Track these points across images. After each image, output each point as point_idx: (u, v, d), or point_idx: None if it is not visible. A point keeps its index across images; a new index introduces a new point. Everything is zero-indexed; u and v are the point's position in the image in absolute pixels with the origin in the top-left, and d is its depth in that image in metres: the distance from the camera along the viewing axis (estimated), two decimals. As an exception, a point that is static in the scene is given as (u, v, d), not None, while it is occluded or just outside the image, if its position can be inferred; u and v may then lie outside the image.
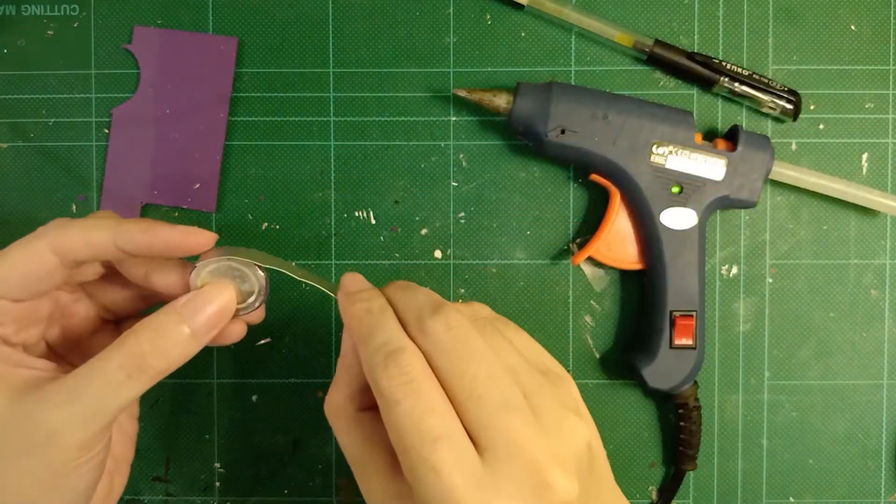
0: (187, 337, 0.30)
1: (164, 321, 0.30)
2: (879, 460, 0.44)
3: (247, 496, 0.44)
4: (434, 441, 0.25)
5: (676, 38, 0.43)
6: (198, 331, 0.31)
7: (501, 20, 0.43)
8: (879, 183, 0.44)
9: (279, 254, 0.43)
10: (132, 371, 0.29)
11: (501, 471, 0.25)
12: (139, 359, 0.29)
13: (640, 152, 0.40)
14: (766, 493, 0.44)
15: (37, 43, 0.43)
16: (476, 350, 0.27)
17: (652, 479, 0.44)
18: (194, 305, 0.31)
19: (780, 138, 0.44)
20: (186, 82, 0.43)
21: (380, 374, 0.27)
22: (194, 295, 0.31)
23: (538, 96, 0.40)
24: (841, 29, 0.43)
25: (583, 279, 0.44)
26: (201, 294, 0.31)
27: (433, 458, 0.25)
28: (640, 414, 0.44)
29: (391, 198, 0.44)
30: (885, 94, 0.43)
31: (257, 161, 0.44)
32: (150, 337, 0.30)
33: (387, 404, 0.26)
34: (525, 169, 0.44)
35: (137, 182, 0.43)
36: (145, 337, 0.30)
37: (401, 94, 0.43)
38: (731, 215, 0.44)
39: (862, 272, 0.44)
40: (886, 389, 0.44)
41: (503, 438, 0.26)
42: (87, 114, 0.43)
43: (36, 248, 0.30)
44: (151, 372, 0.30)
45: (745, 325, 0.44)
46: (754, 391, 0.44)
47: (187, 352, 0.30)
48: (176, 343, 0.30)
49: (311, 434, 0.44)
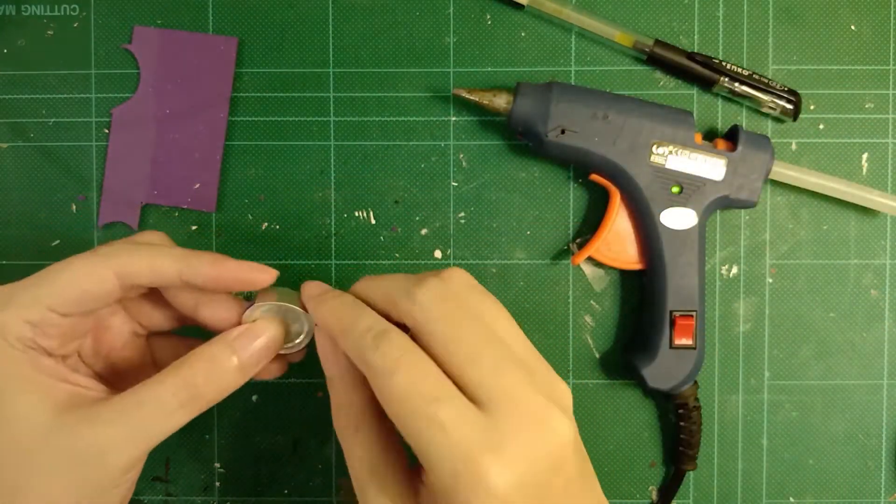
0: (236, 369, 0.31)
1: (218, 354, 0.31)
2: (879, 460, 0.44)
3: (247, 496, 0.44)
4: (436, 400, 0.26)
5: (676, 38, 0.43)
6: (246, 364, 0.31)
7: (501, 20, 0.43)
8: (879, 183, 0.44)
9: (279, 254, 0.43)
10: (185, 400, 0.30)
11: (504, 420, 0.26)
12: (193, 389, 0.30)
13: (640, 152, 0.40)
14: (766, 493, 0.44)
15: (37, 43, 0.43)
16: (468, 314, 0.28)
17: (652, 479, 0.44)
18: (246, 340, 0.32)
19: (780, 138, 0.44)
20: (186, 82, 0.43)
21: (371, 354, 0.28)
22: (247, 329, 0.32)
23: (538, 96, 0.40)
24: (841, 29, 0.44)
25: (583, 279, 0.44)
26: (253, 329, 0.32)
27: (439, 416, 0.26)
28: (640, 414, 0.44)
29: (391, 198, 0.44)
30: (885, 94, 0.44)
31: (257, 161, 0.44)
32: (205, 369, 0.31)
33: (382, 378, 0.27)
34: (525, 169, 0.44)
35: (137, 182, 0.43)
36: (199, 369, 0.31)
37: (401, 94, 0.43)
38: (731, 215, 0.44)
39: (862, 272, 0.44)
40: (886, 389, 0.44)
41: (503, 392, 0.27)
42: (87, 114, 0.43)
43: (100, 269, 0.31)
44: (202, 402, 0.31)
45: (745, 325, 0.44)
46: (754, 391, 0.44)
47: (235, 384, 0.31)
48: (226, 375, 0.31)
49: (311, 434, 0.44)
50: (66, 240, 0.43)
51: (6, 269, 0.43)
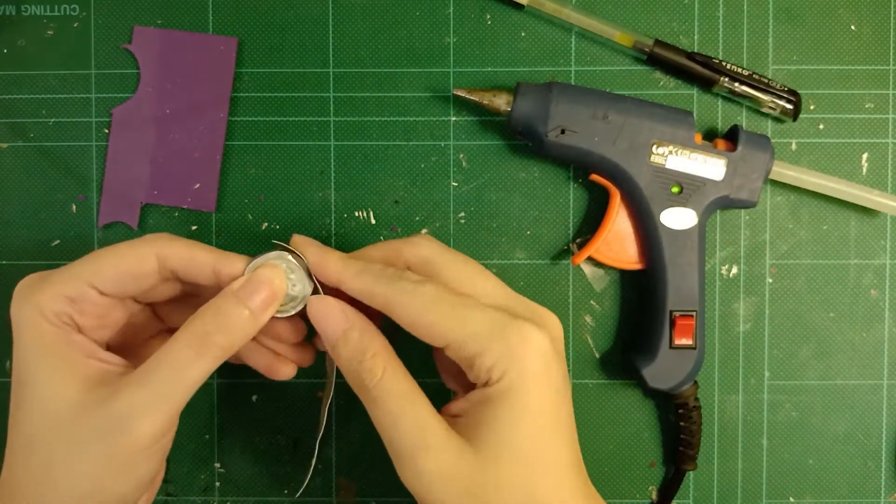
0: (247, 316, 0.32)
1: (223, 303, 0.32)
2: (879, 460, 0.44)
3: (247, 496, 0.44)
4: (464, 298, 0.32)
5: (676, 38, 0.43)
6: (256, 310, 0.32)
7: (501, 20, 0.43)
8: (879, 183, 0.44)
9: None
10: (199, 348, 0.31)
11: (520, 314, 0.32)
12: (204, 337, 0.31)
13: (640, 152, 0.40)
14: (766, 493, 0.44)
15: (37, 43, 0.43)
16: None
17: (652, 479, 0.44)
18: (250, 287, 0.33)
19: (780, 138, 0.44)
20: (186, 82, 0.43)
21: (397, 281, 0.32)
22: (248, 277, 0.33)
23: (538, 96, 0.40)
24: (841, 29, 0.44)
25: (583, 279, 0.44)
26: (255, 276, 0.33)
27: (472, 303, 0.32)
28: (640, 414, 0.44)
29: (391, 198, 0.44)
30: (885, 94, 0.43)
31: (257, 161, 0.44)
32: (213, 317, 0.32)
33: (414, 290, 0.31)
34: (525, 169, 0.44)
35: (137, 182, 0.43)
36: (208, 317, 0.32)
37: (401, 94, 0.43)
38: (731, 215, 0.44)
39: (862, 272, 0.44)
40: (886, 389, 0.44)
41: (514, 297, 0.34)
42: (87, 114, 0.43)
43: (142, 249, 0.33)
44: (216, 349, 0.31)
45: (745, 325, 0.44)
46: (754, 391, 0.44)
47: (248, 330, 0.33)
48: (237, 321, 0.32)
49: (311, 434, 0.44)
50: (66, 240, 0.43)
51: (6, 269, 0.44)
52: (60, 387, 0.30)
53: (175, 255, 0.33)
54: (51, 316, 0.31)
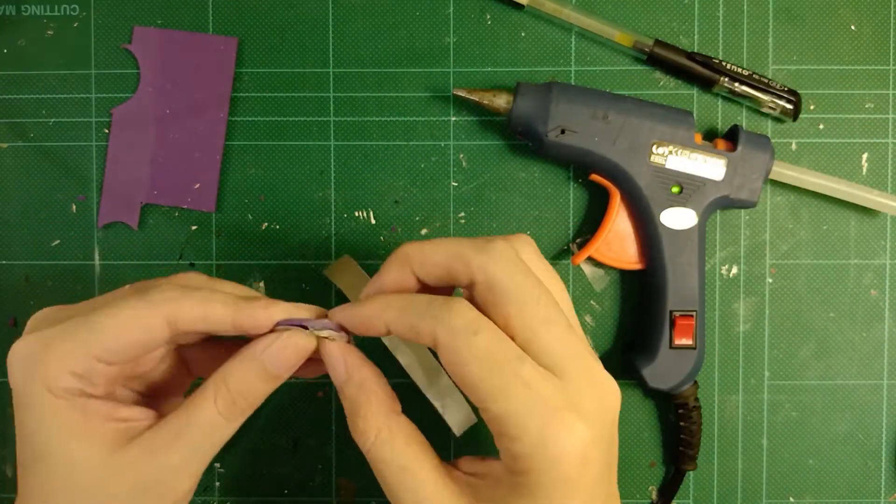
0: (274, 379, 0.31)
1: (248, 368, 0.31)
2: (879, 460, 0.44)
3: (247, 496, 0.44)
4: (519, 358, 0.27)
5: (676, 38, 0.43)
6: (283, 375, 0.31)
7: (501, 20, 0.43)
8: (879, 183, 0.44)
9: (279, 254, 0.43)
10: (228, 414, 0.30)
11: (575, 383, 0.28)
12: (232, 403, 0.30)
13: (640, 152, 0.40)
14: (766, 493, 0.44)
15: (37, 43, 0.43)
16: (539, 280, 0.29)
17: (652, 479, 0.44)
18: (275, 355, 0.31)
19: (780, 138, 0.44)
20: (186, 82, 0.43)
21: (446, 315, 0.27)
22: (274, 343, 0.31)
23: (538, 96, 0.40)
24: (841, 29, 0.44)
25: (583, 279, 0.44)
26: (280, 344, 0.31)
27: (522, 373, 0.27)
28: (640, 414, 0.44)
29: (391, 198, 0.44)
30: (885, 94, 0.44)
31: (257, 161, 0.44)
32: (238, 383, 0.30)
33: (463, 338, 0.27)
34: (525, 169, 0.44)
35: (137, 182, 0.43)
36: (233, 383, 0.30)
37: (401, 94, 0.43)
38: (731, 215, 0.44)
39: (862, 272, 0.44)
40: (886, 389, 0.44)
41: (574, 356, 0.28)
42: (87, 114, 0.43)
43: (150, 318, 0.30)
44: (245, 409, 0.31)
45: (745, 325, 0.44)
46: (754, 391, 0.44)
47: (272, 389, 0.31)
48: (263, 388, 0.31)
49: (311, 434, 0.44)
50: (66, 240, 0.43)
51: (6, 269, 0.44)
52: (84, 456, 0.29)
53: (187, 318, 0.30)
54: (61, 393, 0.29)
